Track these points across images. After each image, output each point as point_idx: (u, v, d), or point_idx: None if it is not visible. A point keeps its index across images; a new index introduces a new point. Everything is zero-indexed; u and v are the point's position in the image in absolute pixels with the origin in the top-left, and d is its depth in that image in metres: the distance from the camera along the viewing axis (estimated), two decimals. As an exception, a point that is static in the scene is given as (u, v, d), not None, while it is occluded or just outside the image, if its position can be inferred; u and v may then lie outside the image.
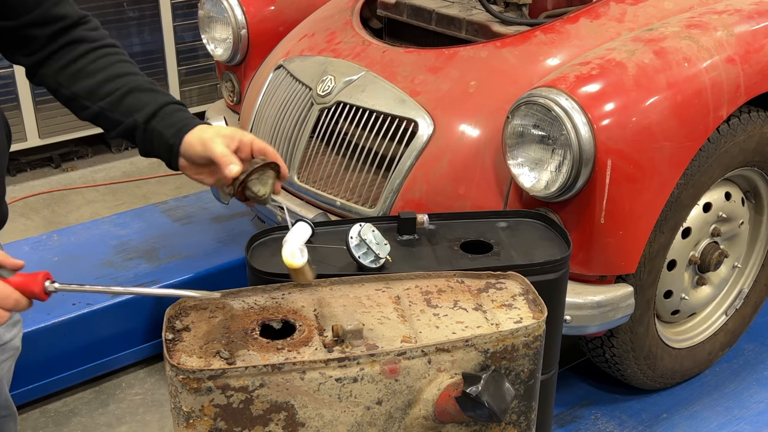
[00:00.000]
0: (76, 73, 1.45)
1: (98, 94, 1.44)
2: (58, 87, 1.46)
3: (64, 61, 1.45)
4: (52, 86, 1.47)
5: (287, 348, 1.27)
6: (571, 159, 1.94)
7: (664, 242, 2.18)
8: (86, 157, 4.20)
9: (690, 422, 2.43)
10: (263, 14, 2.92)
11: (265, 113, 2.61)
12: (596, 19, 2.31)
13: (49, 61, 1.45)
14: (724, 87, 2.11)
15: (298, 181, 2.40)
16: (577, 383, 2.61)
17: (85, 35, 1.47)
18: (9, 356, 1.68)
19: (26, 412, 2.49)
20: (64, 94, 1.46)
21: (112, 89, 1.44)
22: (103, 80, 1.44)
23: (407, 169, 2.20)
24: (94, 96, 1.44)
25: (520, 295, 1.42)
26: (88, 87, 1.44)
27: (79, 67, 1.45)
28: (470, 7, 2.53)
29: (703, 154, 2.15)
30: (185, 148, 1.41)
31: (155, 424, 2.46)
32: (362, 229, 1.51)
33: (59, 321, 2.46)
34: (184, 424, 1.23)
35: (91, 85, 1.44)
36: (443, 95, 2.24)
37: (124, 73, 1.46)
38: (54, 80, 1.46)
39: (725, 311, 2.59)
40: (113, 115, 1.44)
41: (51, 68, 1.45)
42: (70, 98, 1.46)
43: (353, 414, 1.28)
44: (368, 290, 1.43)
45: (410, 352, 1.27)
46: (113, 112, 1.44)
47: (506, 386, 1.26)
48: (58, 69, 1.45)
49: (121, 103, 1.44)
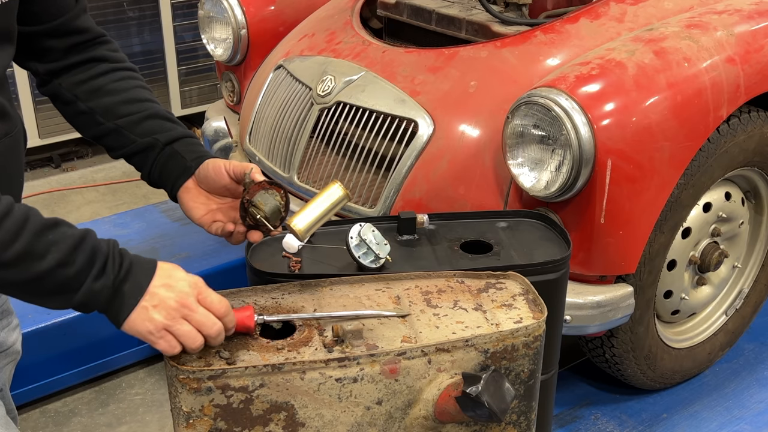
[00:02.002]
0: (96, 90, 1.45)
1: (117, 113, 1.44)
2: (75, 100, 1.45)
3: (85, 76, 1.45)
4: (68, 98, 1.46)
5: (287, 348, 1.27)
6: (571, 159, 1.94)
7: (664, 242, 2.18)
8: (86, 157, 4.20)
9: (690, 422, 2.43)
10: (263, 14, 2.92)
11: (265, 113, 2.61)
12: (596, 19, 2.31)
13: (67, 74, 1.45)
14: (724, 87, 2.11)
15: (298, 181, 2.40)
16: (577, 383, 2.61)
17: (107, 55, 1.48)
18: (10, 361, 1.68)
19: (26, 412, 2.49)
20: (80, 108, 1.46)
21: (133, 111, 1.45)
22: (123, 101, 1.45)
23: (407, 169, 2.20)
24: (112, 114, 1.44)
25: (520, 295, 1.42)
26: (107, 105, 1.44)
27: (99, 84, 1.45)
28: (470, 7, 2.53)
29: (703, 154, 2.15)
30: (201, 170, 1.43)
31: (155, 424, 2.46)
32: (362, 229, 1.51)
33: (59, 321, 2.46)
34: (184, 424, 1.23)
35: (110, 104, 1.44)
36: (443, 95, 2.24)
37: (145, 99, 1.47)
38: (71, 93, 1.45)
39: (725, 311, 2.59)
40: (129, 134, 1.45)
41: (69, 81, 1.45)
42: (84, 112, 1.46)
43: (353, 414, 1.28)
44: (368, 290, 1.43)
45: (410, 352, 1.27)
46: (130, 131, 1.45)
47: (506, 386, 1.26)
48: (78, 83, 1.45)
49: (140, 125, 1.44)
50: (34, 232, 1.13)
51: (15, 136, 1.38)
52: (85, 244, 1.17)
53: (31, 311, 2.47)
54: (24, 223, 1.13)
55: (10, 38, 1.32)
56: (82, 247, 1.16)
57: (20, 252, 1.12)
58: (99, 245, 1.19)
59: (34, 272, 1.14)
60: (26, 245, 1.12)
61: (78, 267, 1.16)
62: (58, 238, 1.15)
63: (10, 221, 1.12)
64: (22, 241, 1.12)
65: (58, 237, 1.15)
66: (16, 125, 1.40)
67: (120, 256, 1.21)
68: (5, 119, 1.34)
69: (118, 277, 1.19)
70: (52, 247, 1.14)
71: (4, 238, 1.11)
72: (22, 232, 1.12)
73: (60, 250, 1.15)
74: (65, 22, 1.42)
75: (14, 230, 1.12)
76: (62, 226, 1.17)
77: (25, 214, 1.14)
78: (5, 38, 1.31)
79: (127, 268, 1.20)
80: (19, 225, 1.12)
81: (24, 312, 2.44)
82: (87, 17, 1.47)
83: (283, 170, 2.47)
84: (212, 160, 1.44)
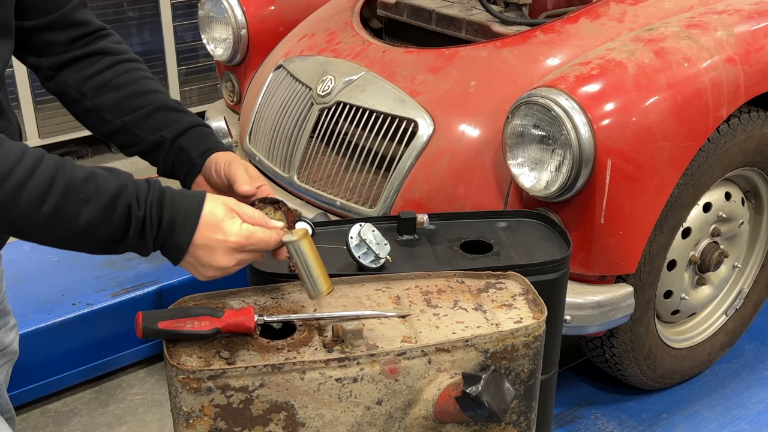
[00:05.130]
0: (101, 86, 1.43)
1: (124, 108, 1.43)
2: (81, 98, 1.44)
3: (89, 72, 1.44)
4: (75, 96, 1.45)
5: (287, 348, 1.27)
6: (571, 159, 1.94)
7: (664, 242, 2.18)
8: (86, 157, 4.20)
9: (690, 422, 2.43)
10: (263, 14, 2.92)
11: (265, 113, 2.61)
12: (596, 19, 2.31)
13: (71, 69, 1.44)
14: (724, 87, 2.10)
15: (298, 181, 2.40)
16: (577, 383, 2.61)
17: (110, 47, 1.46)
18: (7, 360, 1.68)
19: (26, 412, 2.49)
20: (87, 106, 1.45)
21: (140, 105, 1.43)
22: (129, 95, 1.44)
23: (407, 169, 2.20)
24: (119, 110, 1.43)
25: (520, 295, 1.42)
26: (114, 100, 1.43)
27: (105, 80, 1.44)
28: (470, 7, 2.53)
29: (703, 154, 2.15)
30: (206, 168, 1.42)
31: (155, 424, 2.46)
32: (362, 229, 1.51)
33: (59, 321, 2.46)
34: (184, 424, 1.23)
35: (117, 99, 1.43)
36: (443, 95, 2.24)
37: (151, 90, 1.46)
38: (77, 91, 1.44)
39: (725, 311, 2.59)
40: (138, 131, 1.44)
41: (74, 77, 1.44)
42: (91, 110, 1.45)
43: (353, 414, 1.28)
44: (368, 290, 1.43)
45: (410, 352, 1.27)
46: (139, 128, 1.43)
47: (506, 386, 1.26)
48: (83, 79, 1.43)
49: (147, 120, 1.43)
50: (64, 189, 1.10)
51: (10, 133, 1.38)
52: (119, 204, 1.14)
53: (31, 311, 2.47)
54: (51, 181, 1.10)
55: (8, 33, 1.32)
56: (115, 207, 1.14)
57: (50, 213, 1.10)
58: (135, 202, 1.15)
59: (69, 231, 1.12)
60: (55, 206, 1.10)
61: (113, 227, 1.14)
62: (90, 194, 1.12)
63: (37, 179, 1.09)
64: (50, 202, 1.09)
65: (90, 193, 1.12)
66: (12, 123, 1.40)
67: (159, 211, 1.17)
68: (1, 116, 1.34)
69: (157, 239, 1.18)
70: (84, 207, 1.11)
71: (30, 200, 1.09)
72: (50, 191, 1.09)
73: (91, 211, 1.12)
74: (64, 15, 1.41)
75: (42, 189, 1.09)
76: (96, 178, 1.13)
77: (54, 168, 1.11)
78: (4, 33, 1.31)
79: (166, 227, 1.18)
80: (47, 183, 1.09)
81: (24, 312, 2.45)
82: (86, 10, 1.46)
83: (283, 170, 2.47)
84: (215, 156, 1.42)
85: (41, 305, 2.51)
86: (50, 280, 2.59)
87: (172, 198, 1.19)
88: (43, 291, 2.57)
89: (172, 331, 1.24)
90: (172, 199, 1.19)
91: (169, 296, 2.64)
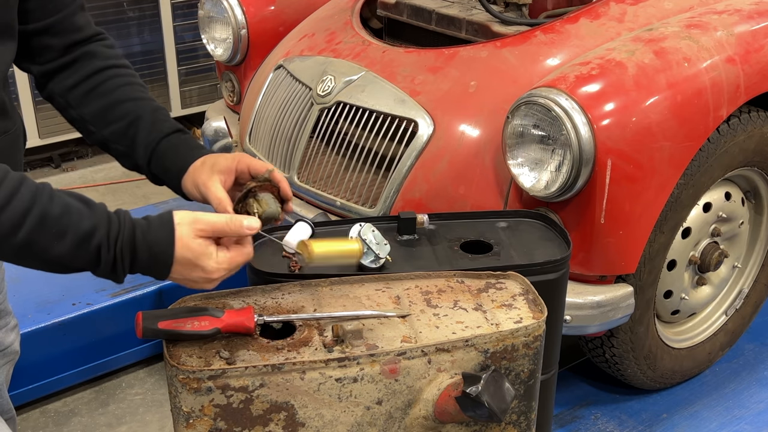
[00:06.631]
0: (84, 95, 1.43)
1: (105, 119, 1.43)
2: (67, 107, 1.45)
3: (73, 79, 1.43)
4: (61, 105, 1.46)
5: (287, 348, 1.27)
6: (571, 159, 1.94)
7: (664, 242, 2.18)
8: (86, 157, 4.20)
9: (690, 422, 2.43)
10: (263, 14, 2.92)
11: (265, 113, 2.61)
12: (596, 19, 2.31)
13: (60, 75, 1.44)
14: (724, 87, 2.11)
15: (298, 181, 2.40)
16: (577, 383, 2.61)
17: (98, 50, 1.46)
18: (8, 360, 1.68)
19: (26, 412, 2.49)
20: (72, 116, 1.46)
21: (118, 116, 1.42)
22: (109, 104, 1.43)
23: (407, 169, 2.20)
24: (101, 122, 1.43)
25: (520, 295, 1.42)
26: (95, 111, 1.43)
27: (87, 88, 1.43)
28: (470, 7, 2.53)
29: (703, 154, 2.15)
30: (184, 186, 1.42)
31: (155, 424, 2.46)
32: (362, 229, 1.51)
33: (59, 321, 2.46)
34: (184, 424, 1.23)
35: (98, 110, 1.43)
36: (443, 95, 2.24)
37: (129, 98, 1.44)
38: (63, 99, 1.45)
39: (725, 311, 2.59)
40: (118, 147, 1.44)
41: (60, 85, 1.44)
42: (76, 120, 1.46)
43: (353, 414, 1.28)
44: (368, 290, 1.43)
45: (410, 352, 1.27)
46: (118, 144, 1.44)
47: (506, 386, 1.26)
48: (68, 88, 1.44)
49: (125, 136, 1.43)
50: (37, 223, 1.12)
51: (14, 134, 1.38)
52: (90, 244, 1.15)
53: (32, 311, 2.47)
54: (26, 213, 1.11)
55: (11, 34, 1.32)
56: (87, 246, 1.15)
57: (21, 244, 1.12)
58: (105, 245, 1.16)
59: (42, 261, 1.15)
60: (27, 238, 1.12)
61: (84, 262, 1.17)
62: (63, 229, 1.13)
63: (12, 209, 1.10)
64: (22, 234, 1.11)
65: (63, 229, 1.13)
66: (15, 123, 1.39)
67: (130, 253, 1.18)
68: (5, 117, 1.34)
69: (133, 272, 1.21)
70: (55, 242, 1.13)
71: (2, 230, 1.11)
72: (23, 223, 1.11)
73: (63, 246, 1.14)
74: (63, 18, 1.41)
75: (15, 221, 1.11)
76: (71, 214, 1.15)
77: (31, 200, 1.12)
78: (6, 34, 1.31)
79: (140, 267, 1.20)
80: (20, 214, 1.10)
81: (24, 312, 2.44)
82: (85, 14, 1.46)
83: (283, 170, 2.47)
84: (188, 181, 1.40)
85: (41, 305, 2.50)
86: (50, 280, 2.59)
87: (143, 238, 1.19)
88: (43, 291, 2.57)
89: (172, 331, 1.24)
90: (144, 239, 1.19)
91: (169, 296, 2.64)
